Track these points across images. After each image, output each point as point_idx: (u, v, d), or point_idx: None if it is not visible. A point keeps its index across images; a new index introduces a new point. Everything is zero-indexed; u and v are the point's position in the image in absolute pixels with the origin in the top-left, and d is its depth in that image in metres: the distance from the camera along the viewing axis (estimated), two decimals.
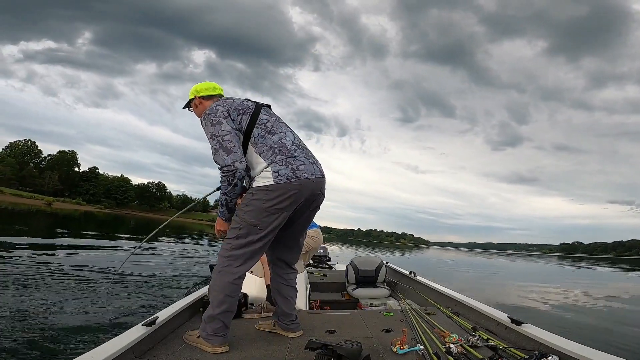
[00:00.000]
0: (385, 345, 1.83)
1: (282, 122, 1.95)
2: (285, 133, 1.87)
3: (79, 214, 45.09)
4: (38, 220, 22.31)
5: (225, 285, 1.71)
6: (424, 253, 49.48)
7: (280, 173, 1.72)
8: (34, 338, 2.87)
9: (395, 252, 37.85)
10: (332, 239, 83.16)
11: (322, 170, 1.89)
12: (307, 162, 1.80)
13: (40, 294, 4.16)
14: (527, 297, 8.57)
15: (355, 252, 27.67)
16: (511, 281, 13.47)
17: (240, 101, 1.91)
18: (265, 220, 1.73)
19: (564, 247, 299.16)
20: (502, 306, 6.06)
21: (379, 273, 3.67)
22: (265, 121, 1.86)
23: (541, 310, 6.97)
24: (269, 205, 1.71)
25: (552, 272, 22.21)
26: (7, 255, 6.63)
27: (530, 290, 10.21)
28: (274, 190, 1.70)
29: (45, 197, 76.12)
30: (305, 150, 1.89)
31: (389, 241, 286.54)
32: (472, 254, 63.09)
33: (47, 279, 4.98)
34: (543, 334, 1.76)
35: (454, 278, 13.15)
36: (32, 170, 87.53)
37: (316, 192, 1.83)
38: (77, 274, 5.69)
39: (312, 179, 1.78)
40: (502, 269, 22.79)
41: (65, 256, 7.68)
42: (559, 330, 1.82)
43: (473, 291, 9.25)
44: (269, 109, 2.00)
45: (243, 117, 1.83)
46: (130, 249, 10.68)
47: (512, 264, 32.49)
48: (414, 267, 4.10)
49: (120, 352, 1.46)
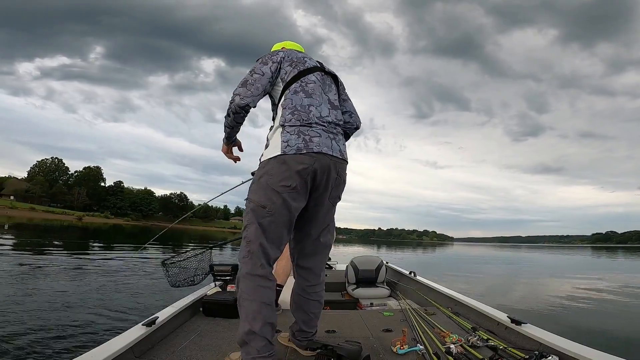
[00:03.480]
0: (385, 345, 1.85)
1: (332, 97, 1.73)
2: (322, 105, 1.65)
3: (108, 227, 46.84)
4: (71, 234, 23.30)
5: (254, 290, 1.48)
6: (448, 250, 48.45)
7: (290, 143, 1.51)
8: (36, 337, 2.94)
9: (417, 251, 37.25)
10: (353, 240, 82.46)
11: (345, 152, 1.67)
12: (324, 135, 1.58)
13: (55, 298, 4.36)
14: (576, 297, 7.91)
15: (377, 252, 27.45)
16: (545, 276, 12.94)
17: (302, 55, 1.75)
18: (274, 200, 1.50)
19: (598, 237, 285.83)
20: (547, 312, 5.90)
21: (379, 273, 3.66)
22: (309, 82, 1.67)
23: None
24: (275, 180, 1.50)
25: (591, 264, 21.25)
26: (43, 264, 7.04)
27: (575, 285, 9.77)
28: (282, 163, 1.50)
29: (75, 212, 79.40)
30: (332, 128, 1.64)
31: (411, 239, 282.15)
32: (499, 249, 61.23)
33: (70, 283, 5.31)
34: (543, 334, 1.77)
35: (482, 275, 12.78)
36: (61, 187, 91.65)
37: (334, 175, 1.59)
38: (101, 279, 6.01)
39: (329, 156, 1.56)
40: (533, 263, 21.97)
41: (91, 265, 8.06)
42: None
43: (502, 291, 9.04)
44: (329, 78, 1.78)
45: (291, 69, 1.68)
46: (157, 258, 11.06)
47: (544, 257, 31.35)
48: (435, 266, 4.06)
49: (120, 352, 1.47)
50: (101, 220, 77.01)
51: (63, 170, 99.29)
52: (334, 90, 1.78)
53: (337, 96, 1.79)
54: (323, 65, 1.80)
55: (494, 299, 7.27)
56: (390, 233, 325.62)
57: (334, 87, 1.79)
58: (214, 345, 1.85)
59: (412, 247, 55.26)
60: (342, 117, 1.76)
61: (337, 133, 1.66)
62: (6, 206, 67.67)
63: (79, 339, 3.08)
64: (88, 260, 9.65)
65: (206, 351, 1.76)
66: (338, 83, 1.83)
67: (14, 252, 10.16)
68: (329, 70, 1.81)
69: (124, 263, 9.53)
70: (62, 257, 9.87)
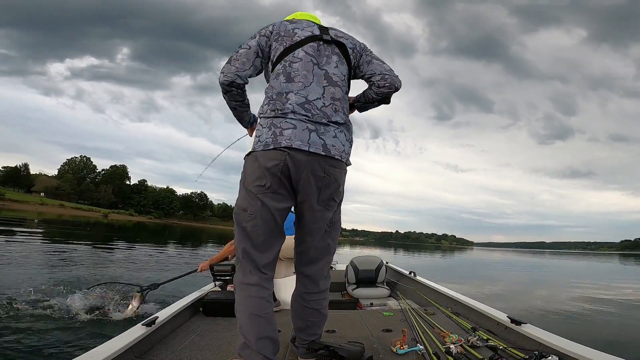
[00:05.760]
0: (385, 345, 1.85)
1: (332, 70, 1.49)
2: (309, 87, 1.42)
3: (132, 224, 48.49)
4: (97, 230, 24.35)
5: (245, 300, 1.39)
6: (466, 255, 47.42)
7: (261, 138, 1.38)
8: (37, 336, 2.97)
9: (435, 254, 36.65)
10: (370, 243, 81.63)
11: (334, 147, 1.41)
12: (301, 126, 1.36)
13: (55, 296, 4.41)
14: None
15: (393, 254, 27.25)
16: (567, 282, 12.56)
17: (294, 27, 1.52)
18: (253, 202, 1.39)
19: (626, 244, 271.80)
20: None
21: (379, 273, 3.65)
22: (295, 60, 1.46)
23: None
24: (250, 180, 1.39)
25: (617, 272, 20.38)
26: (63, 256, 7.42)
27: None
28: (254, 160, 1.38)
29: (101, 209, 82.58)
30: (320, 117, 1.40)
31: (430, 243, 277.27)
32: (520, 254, 59.47)
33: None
34: (543, 334, 1.77)
35: (490, 279, 12.48)
36: (89, 185, 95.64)
37: (318, 174, 1.38)
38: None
39: (305, 152, 1.34)
40: (547, 269, 21.26)
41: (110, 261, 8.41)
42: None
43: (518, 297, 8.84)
44: (329, 47, 1.52)
45: (278, 46, 1.48)
46: (177, 255, 11.44)
47: (568, 263, 30.25)
48: (450, 270, 4.02)
49: (120, 352, 1.46)
50: (125, 217, 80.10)
51: (91, 168, 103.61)
52: (336, 62, 1.51)
53: (346, 66, 1.55)
54: (323, 32, 1.54)
55: (492, 302, 7.16)
56: (407, 236, 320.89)
57: (335, 58, 1.52)
58: (214, 345, 1.85)
59: (429, 250, 54.38)
60: (343, 95, 1.52)
61: (326, 124, 1.41)
62: (37, 202, 70.96)
63: (78, 337, 3.10)
64: (110, 253, 10.04)
65: (206, 351, 1.76)
66: (347, 51, 1.55)
67: (43, 245, 10.71)
68: (333, 37, 1.54)
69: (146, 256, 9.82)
70: (85, 249, 10.31)
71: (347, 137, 1.50)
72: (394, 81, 1.58)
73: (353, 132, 1.57)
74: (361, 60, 1.60)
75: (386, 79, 1.57)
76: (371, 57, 1.61)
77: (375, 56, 1.62)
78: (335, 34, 1.56)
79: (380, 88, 1.59)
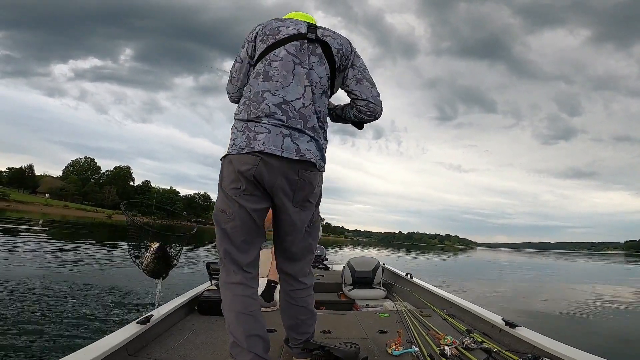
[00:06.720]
0: (380, 346, 1.86)
1: (309, 72, 1.43)
2: (288, 87, 1.39)
3: None
4: (101, 230, 24.43)
5: (231, 299, 1.40)
6: (470, 255, 47.24)
7: (236, 142, 1.38)
8: (31, 334, 2.98)
9: (438, 255, 36.55)
10: (372, 244, 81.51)
11: (309, 151, 1.38)
12: (275, 131, 1.34)
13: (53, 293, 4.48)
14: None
15: (397, 255, 27.19)
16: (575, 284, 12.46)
17: (280, 25, 1.49)
18: (230, 204, 1.39)
19: (631, 244, 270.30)
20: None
21: (375, 274, 3.65)
22: (276, 59, 1.43)
23: None
24: (226, 182, 1.40)
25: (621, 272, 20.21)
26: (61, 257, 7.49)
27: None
28: (229, 163, 1.39)
29: (105, 210, 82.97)
30: (296, 122, 1.37)
31: (433, 243, 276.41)
32: (526, 255, 59.14)
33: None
34: (537, 337, 1.78)
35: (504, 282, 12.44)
36: (93, 186, 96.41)
37: (292, 177, 1.37)
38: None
39: (278, 157, 1.33)
40: (561, 271, 21.10)
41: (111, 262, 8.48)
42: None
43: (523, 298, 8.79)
44: (312, 46, 1.47)
45: (261, 44, 1.47)
46: None
47: (575, 264, 30.05)
48: (454, 271, 4.02)
49: (114, 349, 1.45)
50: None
51: (95, 169, 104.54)
52: (317, 62, 1.46)
53: (327, 67, 1.48)
54: (310, 31, 1.48)
55: (502, 304, 7.18)
56: (410, 237, 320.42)
57: (314, 58, 1.46)
58: (209, 343, 1.85)
59: (432, 251, 54.21)
60: (321, 96, 1.47)
61: (301, 129, 1.38)
62: (41, 203, 71.53)
63: (76, 336, 3.13)
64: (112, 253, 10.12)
65: (201, 349, 1.76)
66: (332, 51, 1.48)
67: (47, 245, 10.81)
68: (318, 36, 1.47)
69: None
70: (89, 250, 10.39)
71: (323, 140, 1.48)
72: (376, 111, 1.55)
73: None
74: (349, 64, 1.54)
75: (370, 107, 1.54)
76: (362, 75, 1.55)
77: (366, 75, 1.56)
78: (322, 33, 1.50)
79: (362, 114, 1.57)
